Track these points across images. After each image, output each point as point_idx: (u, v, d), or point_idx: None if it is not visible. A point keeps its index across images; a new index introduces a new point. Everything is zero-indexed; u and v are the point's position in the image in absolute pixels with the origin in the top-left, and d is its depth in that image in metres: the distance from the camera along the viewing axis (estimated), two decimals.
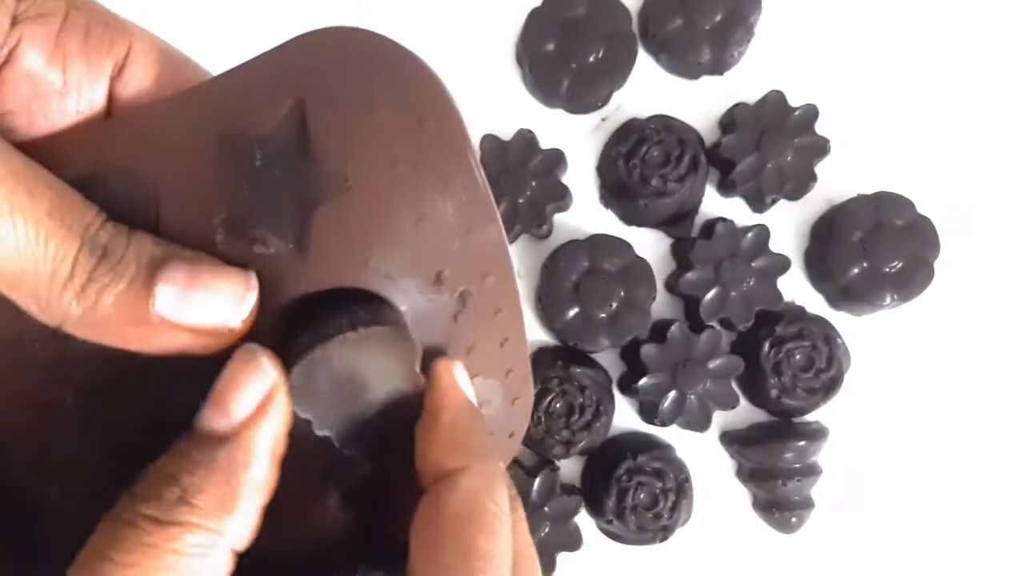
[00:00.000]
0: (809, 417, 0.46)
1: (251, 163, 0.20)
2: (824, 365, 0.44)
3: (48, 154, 0.20)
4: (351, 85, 0.21)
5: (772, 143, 0.45)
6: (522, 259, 0.48)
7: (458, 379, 0.23)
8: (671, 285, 0.47)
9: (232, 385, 0.20)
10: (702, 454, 0.47)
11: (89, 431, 0.22)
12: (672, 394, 0.44)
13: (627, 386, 0.46)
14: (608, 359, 0.47)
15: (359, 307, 0.20)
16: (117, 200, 0.20)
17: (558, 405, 0.44)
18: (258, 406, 0.20)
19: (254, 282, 0.20)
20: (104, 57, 0.21)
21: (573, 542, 0.45)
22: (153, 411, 0.21)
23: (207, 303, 0.20)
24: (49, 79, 0.21)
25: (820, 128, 0.46)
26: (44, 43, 0.20)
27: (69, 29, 0.21)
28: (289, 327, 0.21)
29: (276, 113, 0.20)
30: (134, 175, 0.21)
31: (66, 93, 0.21)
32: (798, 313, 0.46)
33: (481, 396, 0.24)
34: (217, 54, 0.24)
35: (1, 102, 0.21)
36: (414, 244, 0.21)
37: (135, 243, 0.20)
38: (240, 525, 0.19)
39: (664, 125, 0.45)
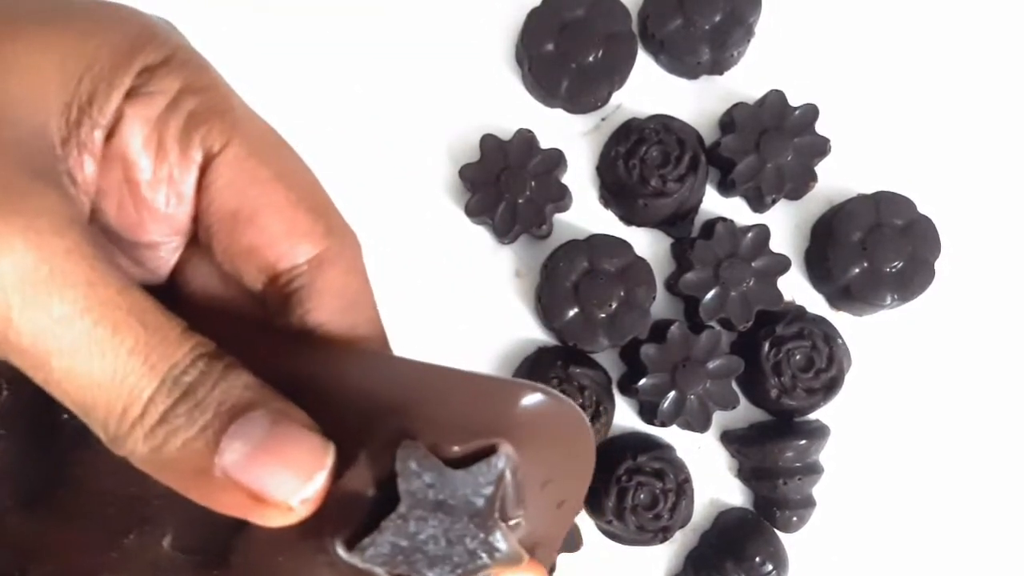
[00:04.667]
0: (810, 416, 0.46)
1: (422, 483, 0.18)
2: (824, 365, 0.44)
3: None
4: (549, 458, 0.20)
5: (772, 143, 0.45)
6: (522, 259, 0.48)
7: None
8: (671, 285, 0.47)
9: None
10: (702, 454, 0.47)
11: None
12: (672, 394, 0.44)
13: (627, 386, 0.46)
14: (608, 359, 0.47)
15: None
16: None
17: None
18: None
19: (330, 459, 0.18)
20: (195, 148, 0.19)
21: (573, 544, 0.45)
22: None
23: (272, 470, 0.17)
24: (140, 164, 0.19)
25: (820, 128, 0.46)
26: (143, 124, 0.19)
27: (172, 112, 0.19)
28: None
29: (466, 443, 0.19)
30: None
31: (156, 184, 0.19)
32: (798, 313, 0.45)
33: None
34: None
35: (99, 178, 0.19)
36: None
37: (224, 384, 0.18)
38: None
39: (663, 125, 0.45)
